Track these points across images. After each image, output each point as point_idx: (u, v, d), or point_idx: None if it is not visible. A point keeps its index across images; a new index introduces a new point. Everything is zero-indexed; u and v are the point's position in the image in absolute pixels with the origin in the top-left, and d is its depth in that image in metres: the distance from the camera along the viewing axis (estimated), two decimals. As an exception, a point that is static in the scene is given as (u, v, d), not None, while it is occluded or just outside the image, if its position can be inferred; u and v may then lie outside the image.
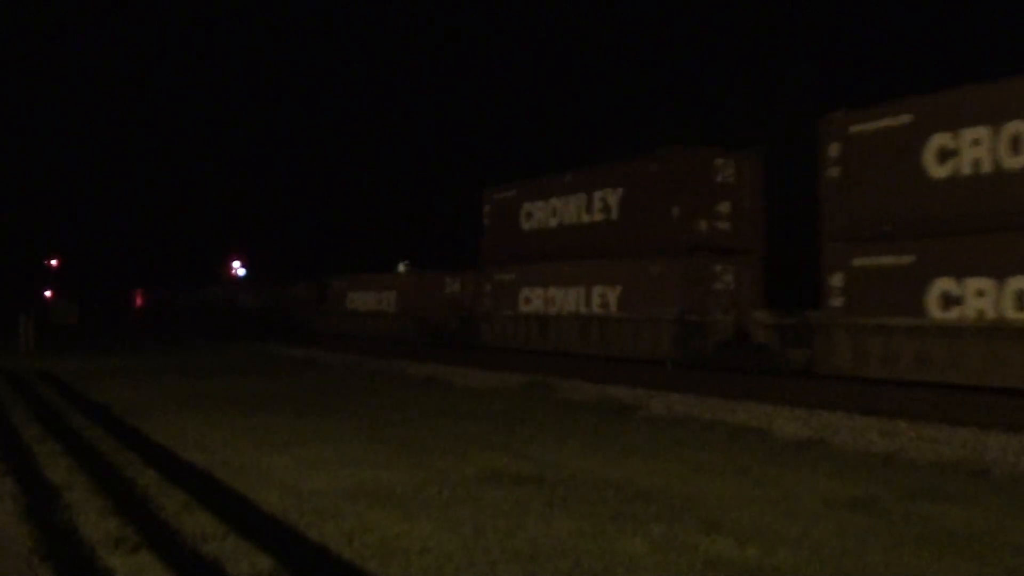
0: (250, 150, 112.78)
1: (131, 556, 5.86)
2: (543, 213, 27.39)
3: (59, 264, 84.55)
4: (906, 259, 15.80)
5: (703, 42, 64.44)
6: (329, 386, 18.02)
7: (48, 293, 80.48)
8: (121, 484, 8.16)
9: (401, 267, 41.53)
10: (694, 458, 9.74)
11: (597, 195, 24.86)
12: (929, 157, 15.51)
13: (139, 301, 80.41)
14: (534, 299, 27.77)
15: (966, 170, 14.93)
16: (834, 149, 17.30)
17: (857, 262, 16.59)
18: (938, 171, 15.37)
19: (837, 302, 16.90)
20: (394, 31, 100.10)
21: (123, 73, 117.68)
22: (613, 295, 24.42)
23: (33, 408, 14.14)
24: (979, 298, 14.59)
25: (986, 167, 14.64)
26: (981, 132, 14.76)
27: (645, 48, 70.60)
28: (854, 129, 16.95)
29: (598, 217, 24.89)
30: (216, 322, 56.13)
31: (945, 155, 15.28)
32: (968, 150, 14.94)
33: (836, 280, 17.01)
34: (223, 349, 32.85)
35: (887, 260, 16.15)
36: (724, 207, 22.18)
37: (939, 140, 15.34)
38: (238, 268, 74.46)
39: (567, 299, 26.18)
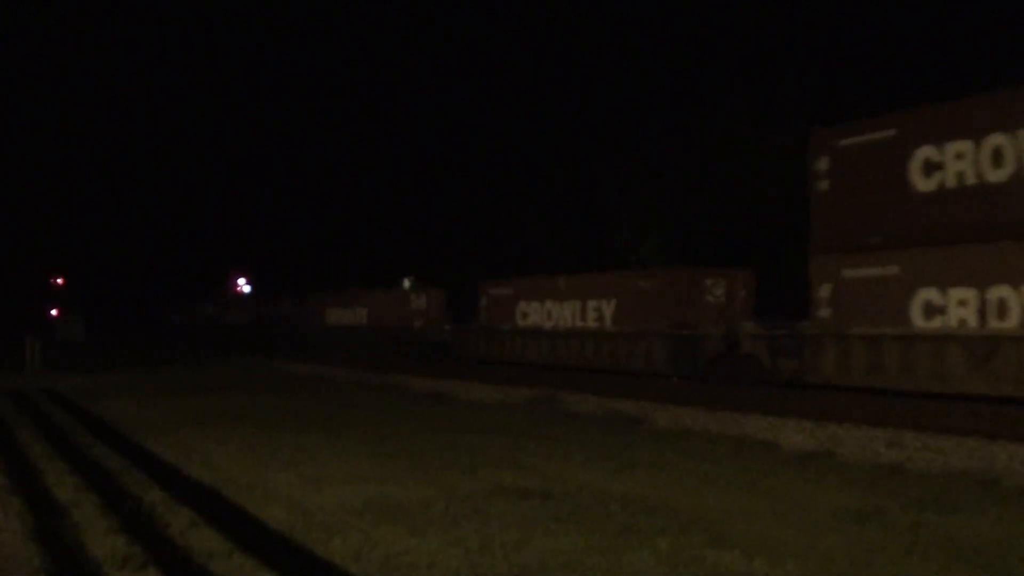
0: (253, 168, 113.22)
1: (138, 574, 5.87)
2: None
3: (65, 282, 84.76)
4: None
5: (702, 47, 64.64)
6: (334, 401, 18.01)
7: (54, 311, 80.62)
8: (128, 502, 8.16)
9: (406, 283, 41.66)
10: (700, 471, 9.71)
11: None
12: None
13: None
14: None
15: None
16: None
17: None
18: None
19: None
20: (395, 47, 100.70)
21: (128, 90, 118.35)
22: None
23: (39, 426, 14.15)
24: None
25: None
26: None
27: (643, 54, 70.88)
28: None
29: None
30: (207, 339, 56.85)
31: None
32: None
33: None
34: (225, 365, 32.86)
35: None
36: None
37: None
38: (243, 285, 74.54)
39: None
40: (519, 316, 30.14)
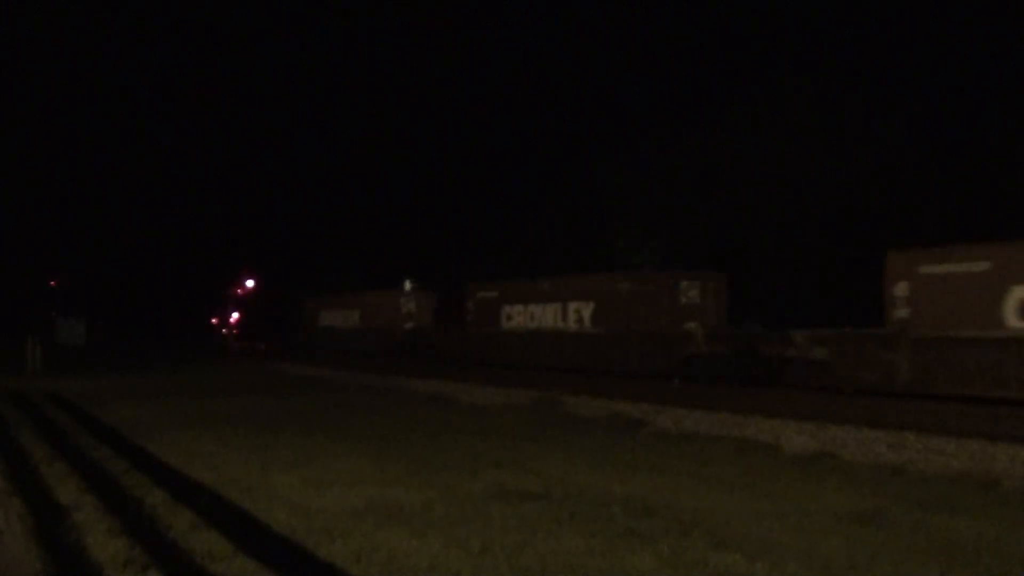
0: (255, 170, 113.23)
1: (140, 576, 5.86)
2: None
3: (66, 284, 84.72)
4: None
5: (705, 55, 64.67)
6: (335, 404, 18.01)
7: (55, 313, 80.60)
8: (129, 504, 8.16)
9: (407, 285, 41.67)
10: (702, 473, 9.71)
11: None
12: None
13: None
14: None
15: None
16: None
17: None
18: None
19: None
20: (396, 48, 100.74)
21: (133, 94, 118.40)
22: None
23: (41, 429, 14.15)
24: None
25: None
26: None
27: (647, 61, 70.90)
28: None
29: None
30: (207, 341, 57.43)
31: None
32: None
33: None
34: (227, 368, 32.87)
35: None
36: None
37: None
38: (244, 286, 74.50)
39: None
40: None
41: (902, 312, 18.24)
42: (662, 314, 24.75)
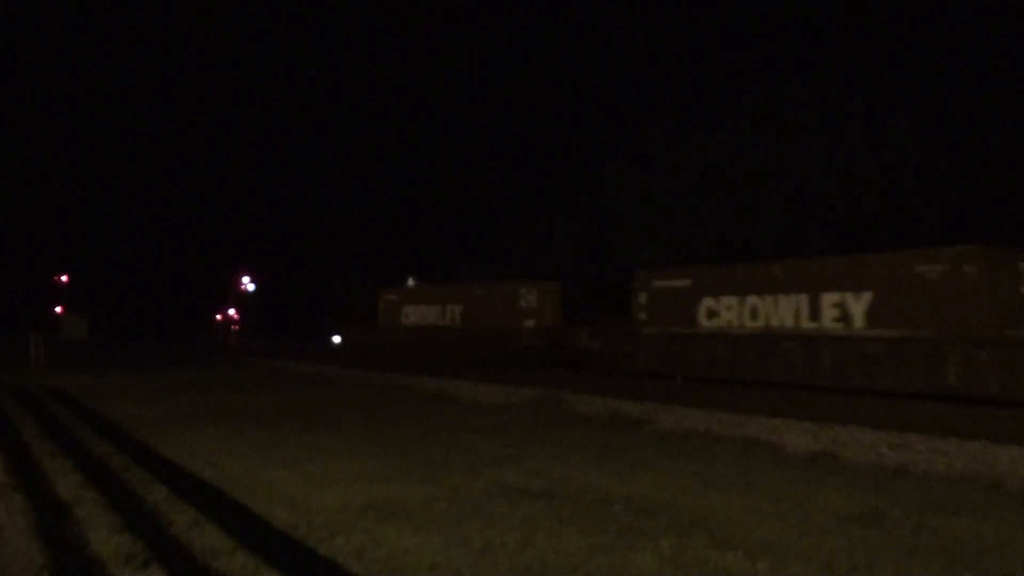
0: (258, 167, 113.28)
1: (141, 572, 5.87)
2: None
3: (69, 280, 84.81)
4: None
5: (707, 56, 64.61)
6: (337, 401, 18.02)
7: (58, 309, 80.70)
8: (131, 500, 8.18)
9: (410, 281, 41.23)
10: (703, 472, 9.70)
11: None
12: None
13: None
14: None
15: None
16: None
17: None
18: None
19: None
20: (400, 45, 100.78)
21: (137, 91, 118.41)
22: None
23: (43, 424, 14.17)
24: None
25: None
26: None
27: (649, 62, 70.87)
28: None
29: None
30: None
31: None
32: None
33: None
34: (231, 365, 32.89)
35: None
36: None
37: None
38: (247, 284, 74.52)
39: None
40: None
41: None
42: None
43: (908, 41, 50.30)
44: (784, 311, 20.50)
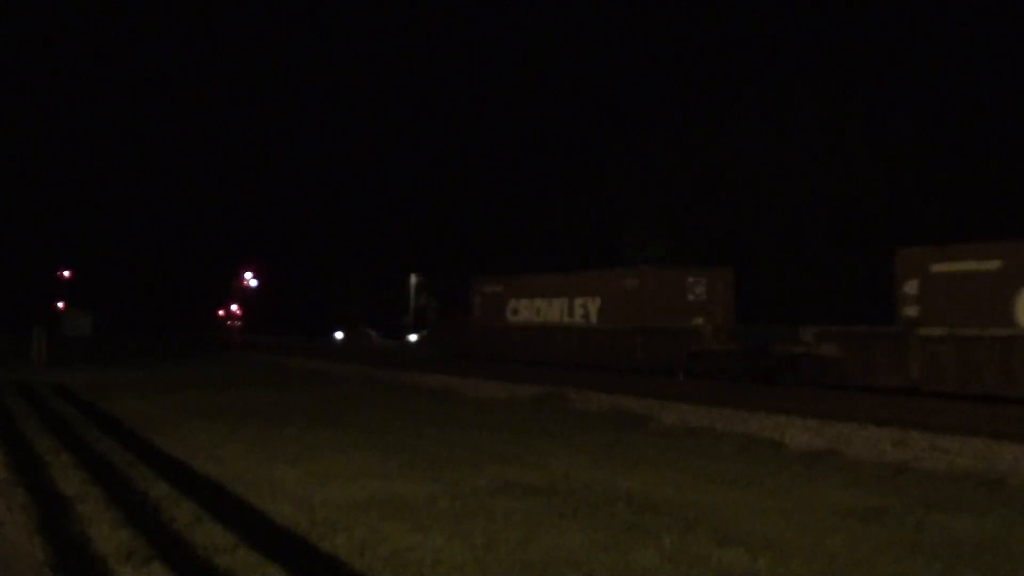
0: (261, 164, 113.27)
1: (143, 568, 5.86)
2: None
3: (72, 276, 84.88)
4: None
5: (713, 53, 64.52)
6: (340, 398, 18.03)
7: (61, 305, 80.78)
8: (133, 496, 8.18)
9: (413, 279, 40.54)
10: (706, 469, 9.69)
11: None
12: None
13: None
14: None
15: None
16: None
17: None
18: None
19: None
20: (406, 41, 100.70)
21: (141, 88, 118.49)
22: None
23: (46, 420, 14.19)
24: None
25: None
26: None
27: (654, 59, 70.79)
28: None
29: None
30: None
31: None
32: None
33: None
34: (234, 361, 32.92)
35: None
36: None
37: None
38: (250, 279, 74.56)
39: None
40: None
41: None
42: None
43: (909, 41, 50.21)
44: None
